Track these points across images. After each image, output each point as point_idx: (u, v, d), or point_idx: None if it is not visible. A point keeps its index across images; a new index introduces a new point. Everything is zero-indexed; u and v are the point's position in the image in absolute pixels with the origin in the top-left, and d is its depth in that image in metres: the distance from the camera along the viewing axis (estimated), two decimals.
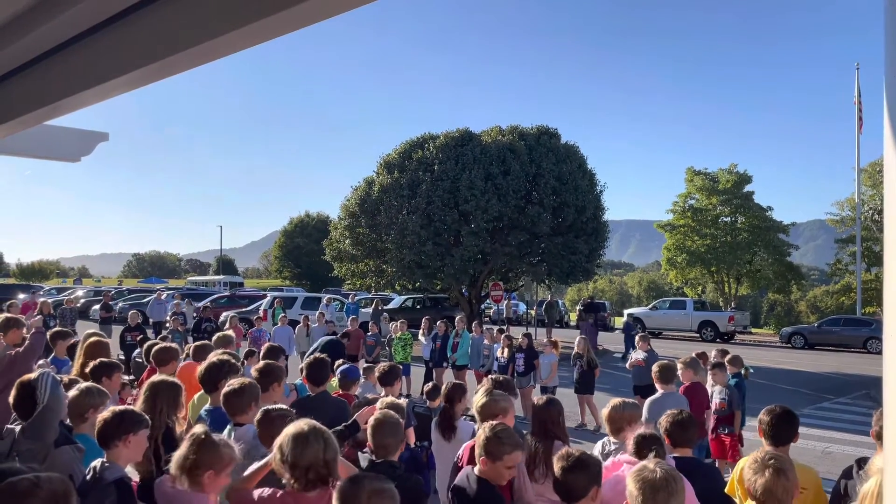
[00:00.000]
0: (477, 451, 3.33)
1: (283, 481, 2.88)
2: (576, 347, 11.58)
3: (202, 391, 4.85)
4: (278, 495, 2.89)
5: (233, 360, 4.64)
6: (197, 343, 6.71)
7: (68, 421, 3.71)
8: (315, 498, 2.82)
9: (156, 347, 5.90)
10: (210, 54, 2.56)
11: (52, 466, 3.17)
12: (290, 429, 2.92)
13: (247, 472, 3.15)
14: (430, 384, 6.45)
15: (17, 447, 3.42)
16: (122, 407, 3.47)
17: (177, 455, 2.93)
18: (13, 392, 3.61)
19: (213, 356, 5.03)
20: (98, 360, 4.85)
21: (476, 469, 3.32)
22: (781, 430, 3.92)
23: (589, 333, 19.30)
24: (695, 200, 40.35)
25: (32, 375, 3.73)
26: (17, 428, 3.53)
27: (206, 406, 4.58)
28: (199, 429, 2.98)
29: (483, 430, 3.33)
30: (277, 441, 2.90)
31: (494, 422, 3.46)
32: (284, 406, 4.22)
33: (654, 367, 6.55)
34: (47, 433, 3.40)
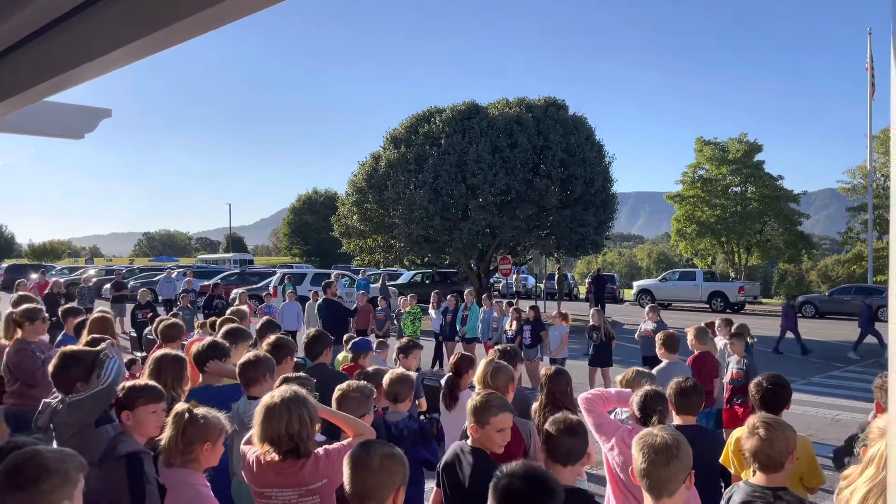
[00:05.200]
0: (467, 421, 3.33)
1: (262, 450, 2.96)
2: (591, 320, 11.60)
3: None
4: (263, 462, 2.96)
5: (222, 343, 4.62)
6: (222, 318, 6.73)
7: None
8: (288, 466, 2.90)
9: (163, 323, 5.94)
10: (213, 22, 2.52)
11: (85, 443, 3.19)
12: (266, 398, 2.97)
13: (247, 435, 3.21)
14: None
15: (57, 419, 3.43)
16: (139, 381, 3.47)
17: (165, 437, 2.95)
18: (55, 361, 3.58)
19: (210, 338, 5.03)
20: (90, 337, 4.87)
21: (469, 440, 3.33)
22: (769, 401, 3.92)
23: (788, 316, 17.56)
24: (704, 171, 40.03)
25: (84, 350, 3.73)
26: (54, 401, 3.54)
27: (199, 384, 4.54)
28: (180, 407, 2.98)
29: (472, 399, 3.33)
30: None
31: (484, 391, 3.46)
32: (304, 374, 4.26)
33: (658, 337, 6.52)
34: (94, 413, 3.39)
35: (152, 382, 3.43)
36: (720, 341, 8.43)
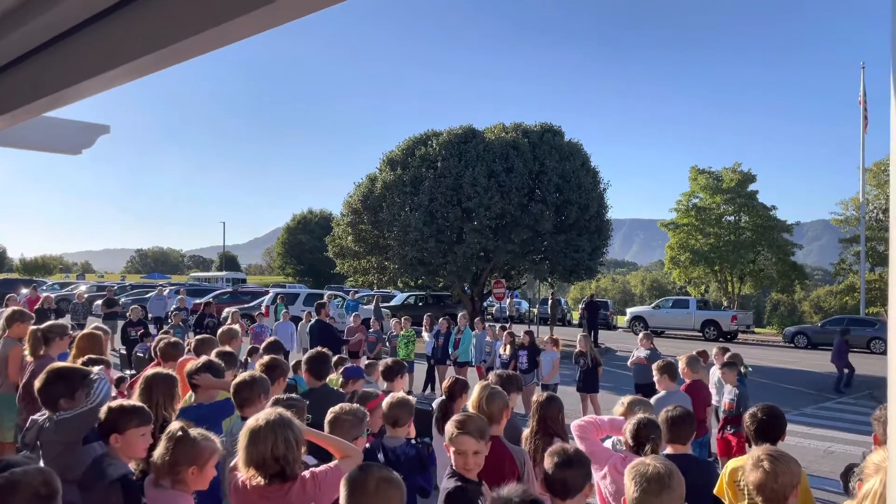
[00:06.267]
0: None
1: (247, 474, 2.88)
2: (578, 346, 11.55)
3: None
4: (249, 486, 2.89)
5: (217, 362, 4.60)
6: (199, 337, 6.68)
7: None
8: (275, 490, 2.83)
9: (163, 342, 5.89)
10: (214, 43, 2.53)
11: (72, 461, 3.14)
12: (250, 421, 2.91)
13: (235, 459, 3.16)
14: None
15: (43, 437, 3.37)
16: (128, 401, 3.43)
17: (156, 454, 2.89)
18: (42, 376, 3.54)
19: (209, 354, 5.02)
20: (87, 357, 4.83)
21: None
22: (764, 432, 3.89)
23: (841, 352, 17.06)
24: (699, 199, 40.29)
25: (72, 367, 3.70)
26: (41, 419, 3.49)
27: (190, 402, 4.50)
28: (175, 426, 2.94)
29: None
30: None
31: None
32: (296, 396, 4.21)
33: (657, 365, 6.48)
34: (80, 433, 3.34)
35: (140, 404, 3.38)
36: (717, 370, 8.40)
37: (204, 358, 4.70)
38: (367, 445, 3.82)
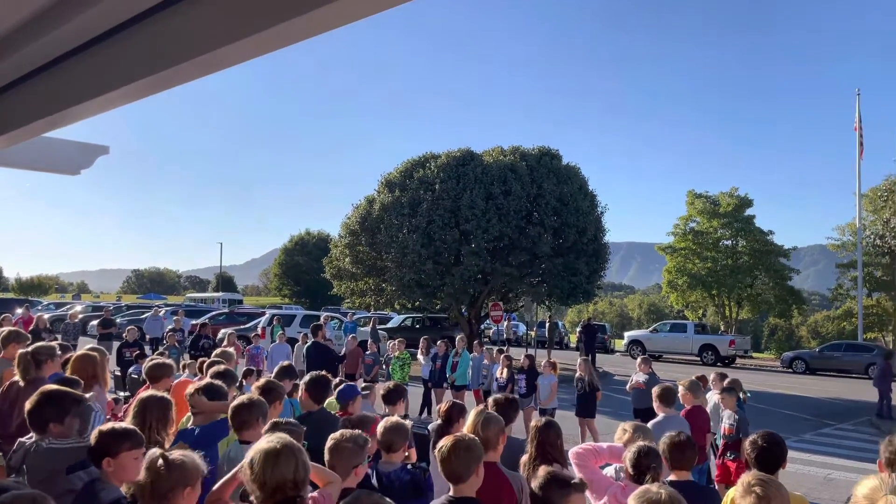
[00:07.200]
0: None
1: (252, 498, 2.75)
2: (578, 370, 11.49)
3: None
4: None
5: (219, 385, 4.55)
6: (211, 360, 6.62)
7: None
8: None
9: (150, 363, 5.84)
10: (214, 65, 2.54)
11: (56, 489, 3.09)
12: (263, 444, 2.79)
13: (217, 484, 3.07)
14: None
15: (30, 461, 3.32)
16: (120, 424, 3.38)
17: (142, 480, 2.81)
18: (33, 398, 3.47)
19: (208, 377, 4.97)
20: (63, 377, 4.78)
21: (451, 490, 3.24)
22: (764, 460, 3.85)
23: (885, 375, 16.55)
24: (696, 223, 40.40)
25: (65, 391, 3.65)
26: (28, 442, 3.44)
27: (189, 425, 4.45)
28: (154, 452, 2.89)
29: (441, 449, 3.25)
30: (248, 455, 2.77)
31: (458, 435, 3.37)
32: (293, 420, 4.16)
33: (655, 390, 6.43)
34: (68, 462, 3.28)
35: (132, 427, 3.34)
36: (715, 395, 8.34)
37: (206, 381, 4.66)
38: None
